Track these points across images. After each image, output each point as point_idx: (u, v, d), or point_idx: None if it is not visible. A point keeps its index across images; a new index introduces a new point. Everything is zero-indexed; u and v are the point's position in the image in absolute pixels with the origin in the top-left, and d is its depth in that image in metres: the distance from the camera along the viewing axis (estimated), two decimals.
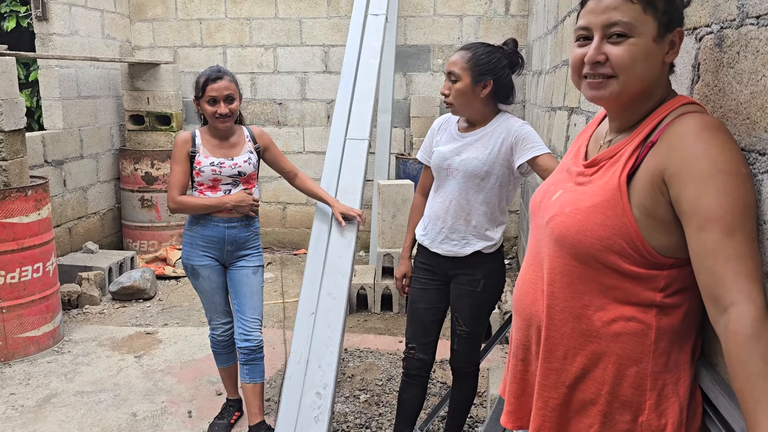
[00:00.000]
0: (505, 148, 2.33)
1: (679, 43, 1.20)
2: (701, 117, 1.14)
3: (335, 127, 3.29)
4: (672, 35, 1.19)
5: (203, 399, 3.39)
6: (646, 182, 1.15)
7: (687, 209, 1.09)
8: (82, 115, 5.61)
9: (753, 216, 1.08)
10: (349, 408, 3.27)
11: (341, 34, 6.06)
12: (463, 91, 2.32)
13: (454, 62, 2.33)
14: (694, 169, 1.08)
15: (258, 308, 2.87)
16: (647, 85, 1.20)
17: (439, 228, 2.44)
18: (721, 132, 1.11)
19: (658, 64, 1.18)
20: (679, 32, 1.20)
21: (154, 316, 4.64)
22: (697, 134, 1.11)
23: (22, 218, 3.80)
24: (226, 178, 2.78)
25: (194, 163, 2.77)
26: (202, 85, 2.70)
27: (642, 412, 1.19)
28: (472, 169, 2.34)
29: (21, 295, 3.84)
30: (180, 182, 2.76)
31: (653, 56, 1.17)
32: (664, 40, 1.18)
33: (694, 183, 1.08)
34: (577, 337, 1.25)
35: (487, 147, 2.35)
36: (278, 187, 6.40)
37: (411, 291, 2.61)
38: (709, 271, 1.05)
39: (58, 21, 5.25)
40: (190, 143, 2.78)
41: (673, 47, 1.20)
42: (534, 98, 5.06)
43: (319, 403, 2.27)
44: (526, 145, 2.30)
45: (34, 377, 3.63)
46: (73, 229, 5.54)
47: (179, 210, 2.79)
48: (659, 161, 1.14)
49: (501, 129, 2.36)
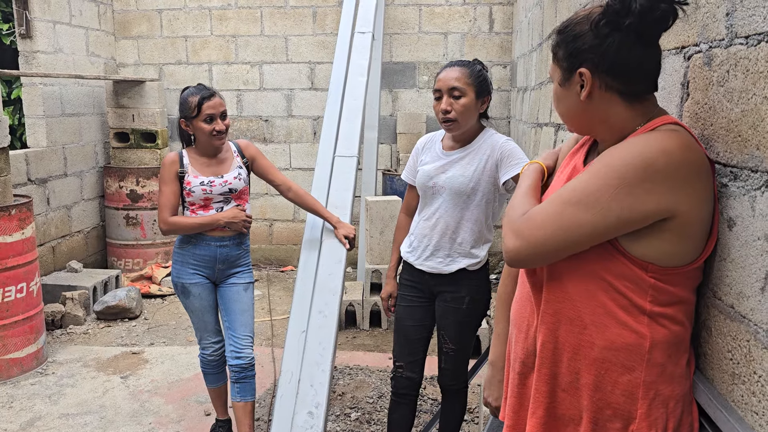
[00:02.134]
0: (490, 165, 2.33)
1: (588, 81, 1.24)
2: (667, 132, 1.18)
3: (324, 144, 3.30)
4: (576, 76, 1.26)
5: (192, 420, 3.34)
6: None
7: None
8: (66, 133, 5.56)
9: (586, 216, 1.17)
10: (340, 426, 3.24)
11: (327, 52, 6.09)
12: (469, 107, 2.31)
13: (456, 78, 2.30)
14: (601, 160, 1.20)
15: (249, 325, 2.84)
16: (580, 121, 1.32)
17: (425, 245, 2.44)
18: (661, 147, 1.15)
19: (573, 104, 1.29)
20: (581, 72, 1.24)
21: (140, 335, 4.58)
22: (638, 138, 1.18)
23: (6, 238, 3.74)
24: (218, 196, 2.77)
25: (184, 184, 2.75)
26: (197, 104, 2.67)
27: (633, 421, 1.21)
28: (458, 186, 2.34)
29: (4, 316, 3.77)
30: (170, 203, 2.73)
31: (564, 98, 1.31)
32: (571, 82, 1.27)
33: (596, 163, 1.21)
34: (572, 345, 1.26)
35: (472, 164, 2.35)
36: (265, 203, 6.38)
37: (397, 308, 2.60)
38: (514, 209, 1.32)
39: (42, 39, 5.22)
40: (178, 164, 2.76)
41: (584, 86, 1.25)
42: (519, 114, 5.11)
43: (311, 422, 2.25)
44: (511, 162, 2.30)
45: (18, 400, 3.56)
46: (57, 247, 5.47)
47: (171, 231, 2.75)
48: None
49: (486, 146, 2.36)
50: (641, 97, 1.26)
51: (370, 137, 5.60)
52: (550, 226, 1.19)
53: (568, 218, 1.18)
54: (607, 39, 1.20)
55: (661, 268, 1.18)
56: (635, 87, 1.24)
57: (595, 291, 1.22)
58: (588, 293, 1.23)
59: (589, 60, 1.23)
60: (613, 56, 1.21)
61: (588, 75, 1.23)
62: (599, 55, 1.22)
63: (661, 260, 1.17)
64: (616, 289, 1.20)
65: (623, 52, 1.20)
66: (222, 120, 2.72)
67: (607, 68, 1.22)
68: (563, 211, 1.18)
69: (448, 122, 2.33)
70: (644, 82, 1.25)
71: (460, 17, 5.99)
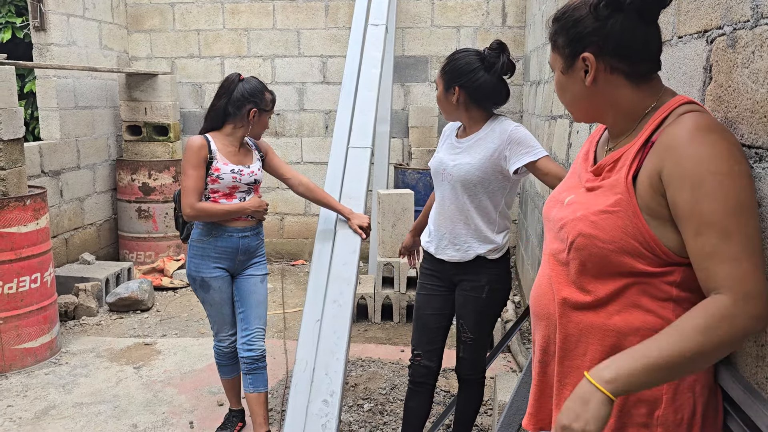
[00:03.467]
0: (498, 152, 2.31)
1: (593, 66, 1.23)
2: (696, 117, 1.16)
3: (337, 136, 3.30)
4: (579, 62, 1.24)
5: (204, 410, 3.35)
6: (647, 183, 1.17)
7: (682, 213, 1.11)
8: (79, 126, 5.59)
9: (751, 212, 1.09)
10: (353, 417, 3.25)
11: (339, 45, 6.08)
12: (439, 99, 2.42)
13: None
14: (685, 172, 1.11)
15: (263, 318, 2.85)
16: (587, 108, 1.30)
17: (441, 234, 2.45)
18: (713, 132, 1.12)
19: (578, 90, 1.27)
20: (585, 57, 1.23)
21: (152, 327, 4.60)
22: (689, 135, 1.13)
23: (21, 228, 3.77)
24: (243, 185, 2.76)
25: (211, 170, 2.70)
26: (272, 101, 2.81)
27: (658, 407, 1.20)
28: (464, 174, 2.34)
29: (18, 306, 3.80)
30: (198, 187, 2.68)
31: (568, 86, 1.29)
32: (574, 69, 1.26)
33: (687, 187, 1.10)
34: (596, 333, 1.25)
35: (480, 152, 2.34)
36: (276, 197, 6.38)
37: (416, 297, 2.61)
38: (704, 271, 1.09)
39: (56, 31, 5.25)
40: (207, 149, 2.70)
41: (588, 71, 1.24)
42: (532, 108, 5.09)
43: (326, 410, 2.25)
44: (521, 150, 2.27)
45: (32, 389, 3.59)
46: (70, 240, 5.50)
47: (198, 217, 2.70)
48: (656, 162, 1.16)
49: (494, 133, 2.34)
50: (647, 77, 1.25)
51: (382, 131, 5.59)
52: (748, 258, 1.06)
53: (748, 236, 1.07)
54: (609, 20, 1.19)
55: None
56: (641, 67, 1.23)
57: (622, 282, 1.21)
58: (614, 283, 1.22)
59: (592, 43, 1.22)
60: (617, 37, 1.20)
61: (592, 59, 1.22)
62: (602, 37, 1.21)
63: None
64: (643, 277, 1.19)
65: (627, 33, 1.19)
66: None
67: (612, 50, 1.21)
68: (741, 236, 1.06)
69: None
70: (649, 62, 1.24)
71: (472, 11, 5.97)
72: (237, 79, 2.75)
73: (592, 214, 1.22)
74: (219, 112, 2.74)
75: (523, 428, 1.46)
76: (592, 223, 1.22)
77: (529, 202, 4.95)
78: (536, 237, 4.23)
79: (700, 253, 1.09)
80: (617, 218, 1.19)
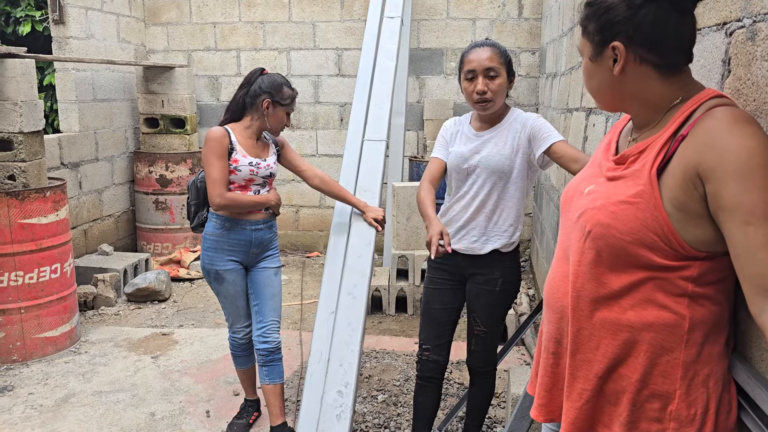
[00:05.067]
0: (523, 141, 2.34)
1: (622, 55, 1.21)
2: (731, 110, 1.14)
3: (352, 129, 3.30)
4: (609, 50, 1.22)
5: (221, 399, 3.39)
6: (679, 176, 1.15)
7: (728, 205, 1.08)
8: (97, 118, 5.65)
9: None
10: (367, 408, 3.27)
11: (354, 38, 6.08)
12: (503, 87, 2.32)
13: (489, 58, 2.29)
14: (731, 164, 1.08)
15: (278, 310, 2.88)
16: (612, 97, 1.29)
17: (458, 226, 2.43)
18: (752, 124, 1.11)
19: (605, 79, 1.26)
20: (615, 46, 1.21)
21: (169, 317, 4.66)
22: (729, 128, 1.11)
23: (41, 219, 3.83)
24: (259, 178, 2.79)
25: (230, 161, 2.72)
26: (290, 96, 2.79)
27: (672, 401, 1.20)
28: (495, 164, 2.33)
29: (39, 296, 3.87)
30: (225, 177, 2.70)
31: (596, 74, 1.28)
32: (603, 57, 1.24)
33: (734, 179, 1.07)
34: (608, 328, 1.25)
35: (507, 141, 2.35)
36: (291, 189, 6.41)
37: (425, 291, 2.59)
38: (761, 263, 1.05)
39: (74, 24, 5.30)
40: (228, 139, 2.72)
41: (617, 60, 1.22)
42: (548, 101, 5.06)
43: (341, 401, 2.27)
44: (542, 135, 2.30)
45: (52, 377, 3.65)
46: (89, 231, 5.57)
47: (227, 206, 2.72)
48: (692, 156, 1.13)
49: (517, 123, 2.37)
50: (677, 69, 1.22)
51: (397, 123, 5.60)
52: None
53: None
54: (641, 9, 1.17)
55: (711, 252, 1.15)
56: (671, 59, 1.20)
57: (637, 276, 1.20)
58: (629, 276, 1.21)
59: (623, 33, 1.20)
60: (649, 27, 1.17)
61: (622, 49, 1.20)
62: (633, 26, 1.18)
63: (713, 245, 1.15)
64: (659, 271, 1.18)
65: (659, 23, 1.17)
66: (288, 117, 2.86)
67: (643, 40, 1.19)
68: None
69: (485, 102, 2.31)
70: (680, 53, 1.21)
71: (488, 3, 5.94)
72: (259, 72, 2.80)
73: (612, 204, 1.22)
74: (239, 104, 2.79)
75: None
76: (612, 213, 1.21)
77: (543, 195, 4.93)
78: (551, 230, 4.22)
79: (751, 243, 1.06)
80: (637, 209, 1.18)
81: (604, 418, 1.29)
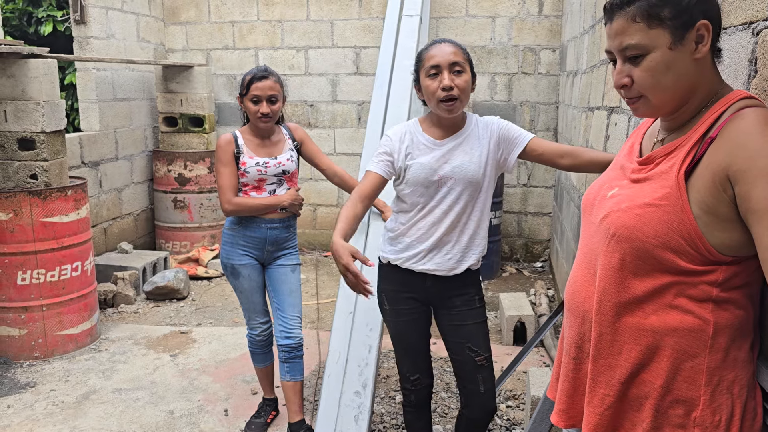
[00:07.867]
0: (492, 146, 2.17)
1: (708, 34, 1.15)
2: (761, 111, 1.12)
3: (371, 127, 3.30)
4: (693, 32, 1.16)
5: (239, 398, 3.41)
6: (707, 179, 1.12)
7: (758, 207, 1.06)
8: (117, 117, 5.70)
9: None
10: (385, 409, 3.26)
11: (372, 36, 6.07)
12: (469, 85, 2.10)
13: (453, 53, 2.06)
14: (762, 166, 1.06)
15: (297, 306, 2.88)
16: (683, 90, 1.19)
17: (428, 245, 2.17)
18: None
19: (685, 67, 1.17)
20: (703, 24, 1.15)
21: (187, 315, 4.69)
22: (762, 130, 1.08)
23: (62, 218, 3.86)
24: (271, 177, 2.79)
25: (239, 164, 2.76)
26: (247, 83, 2.71)
27: (696, 408, 1.18)
28: (471, 174, 2.12)
29: (60, 293, 3.91)
30: (232, 183, 2.75)
31: (676, 63, 1.17)
32: (685, 41, 1.16)
33: (765, 180, 1.05)
34: (631, 333, 1.23)
35: (474, 148, 2.15)
36: (309, 188, 6.42)
37: (395, 325, 2.31)
38: None
39: (95, 24, 5.35)
40: (234, 144, 2.77)
41: (702, 41, 1.16)
42: (569, 99, 5.01)
43: (358, 402, 2.27)
44: (513, 136, 2.17)
45: (73, 374, 3.69)
46: (108, 229, 5.62)
47: (236, 212, 2.76)
48: (721, 158, 1.11)
49: (481, 129, 2.18)
50: (718, 57, 1.21)
51: None
52: None
53: None
54: None
55: (736, 257, 1.13)
56: (718, 43, 1.18)
57: (662, 280, 1.18)
58: (654, 281, 1.19)
59: (702, 11, 1.15)
60: (717, 5, 1.15)
61: (710, 26, 1.15)
62: (709, 3, 1.15)
63: (740, 249, 1.12)
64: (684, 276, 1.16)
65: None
66: (270, 104, 2.72)
67: (715, 17, 1.15)
68: None
69: (451, 101, 2.06)
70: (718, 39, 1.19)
71: (508, 0, 5.89)
72: None
73: (638, 207, 1.19)
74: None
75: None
76: (637, 216, 1.19)
77: (564, 195, 4.88)
78: (571, 230, 4.17)
79: None
80: (663, 212, 1.16)
81: (626, 424, 1.27)
